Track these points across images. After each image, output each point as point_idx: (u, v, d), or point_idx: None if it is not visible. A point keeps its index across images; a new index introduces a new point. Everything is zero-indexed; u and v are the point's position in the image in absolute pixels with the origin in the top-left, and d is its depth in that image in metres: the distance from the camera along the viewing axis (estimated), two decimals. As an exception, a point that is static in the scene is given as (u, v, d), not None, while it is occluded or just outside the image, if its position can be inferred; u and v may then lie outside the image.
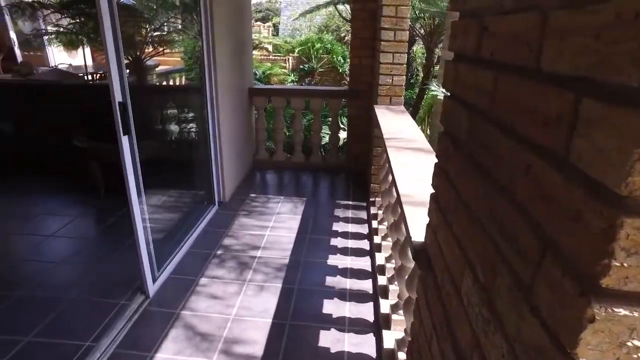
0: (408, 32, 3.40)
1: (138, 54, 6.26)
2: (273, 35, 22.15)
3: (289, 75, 14.90)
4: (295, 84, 14.69)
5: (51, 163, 4.64)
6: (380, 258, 2.86)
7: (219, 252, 3.01)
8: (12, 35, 10.09)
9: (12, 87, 5.20)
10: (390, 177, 2.88)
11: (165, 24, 5.75)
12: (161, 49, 6.62)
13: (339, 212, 3.71)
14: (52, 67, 8.32)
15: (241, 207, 3.76)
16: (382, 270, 2.74)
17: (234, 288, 2.59)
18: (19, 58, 10.21)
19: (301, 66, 15.36)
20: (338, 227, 3.44)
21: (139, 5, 5.48)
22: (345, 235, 3.30)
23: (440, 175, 1.06)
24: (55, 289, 2.52)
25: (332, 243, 3.18)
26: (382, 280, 2.65)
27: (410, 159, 2.21)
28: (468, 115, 0.81)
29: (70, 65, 9.61)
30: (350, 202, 3.91)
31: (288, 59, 15.97)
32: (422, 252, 1.23)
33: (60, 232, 3.28)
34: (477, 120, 0.75)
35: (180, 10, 4.49)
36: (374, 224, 3.36)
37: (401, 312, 2.20)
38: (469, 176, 0.81)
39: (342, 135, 5.03)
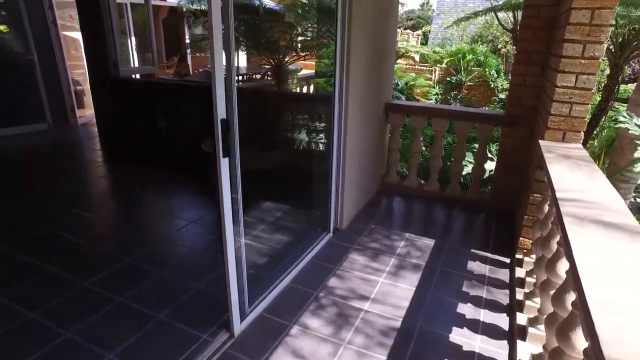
0: (605, 46, 2.52)
1: (280, 57, 6.34)
2: (421, 44, 21.37)
3: (434, 87, 14.02)
4: (439, 96, 13.76)
5: (188, 162, 4.89)
6: (523, 351, 2.10)
7: (321, 293, 2.61)
8: (187, 39, 11.52)
9: (171, 86, 5.70)
10: (554, 246, 2.11)
11: (308, 28, 5.70)
12: (303, 54, 6.62)
13: (473, 266, 2.99)
14: (205, 68, 9.14)
15: (357, 240, 3.31)
16: (526, 370, 2.00)
17: (328, 348, 2.15)
18: (190, 60, 11.63)
19: (448, 78, 14.33)
20: (469, 287, 2.73)
21: (285, 9, 5.53)
22: (478, 301, 2.59)
23: None
24: (150, 303, 2.43)
25: (459, 309, 2.51)
26: (525, 387, 1.92)
27: (603, 241, 1.46)
28: None
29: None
30: (488, 255, 3.14)
31: (434, 69, 15.07)
32: None
33: (173, 236, 3.30)
34: None
35: (320, 14, 4.27)
36: (519, 293, 2.57)
37: None
38: None
39: (489, 166, 4.21)
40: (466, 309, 2.51)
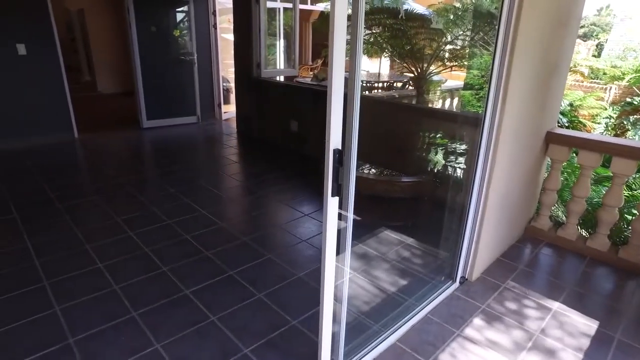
0: None
1: (424, 66, 5.79)
2: (593, 55, 18.28)
3: (605, 109, 11.71)
4: (611, 120, 11.44)
5: (315, 171, 4.75)
6: None
7: (432, 367, 2.10)
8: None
9: (306, 90, 5.68)
10: None
11: (458, 36, 5.07)
12: (450, 64, 5.96)
13: (658, 377, 2.12)
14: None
15: (488, 299, 2.67)
16: None
17: None
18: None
19: (628, 99, 11.81)
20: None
21: (434, 14, 5.01)
22: None
23: None
24: (241, 329, 2.24)
25: None
26: None
27: None
28: None
29: (367, 72, 10.31)
30: (686, 365, 2.21)
31: (610, 88, 12.61)
32: None
33: (282, 254, 3.10)
34: None
35: (475, 20, 3.65)
36: None
37: None
38: None
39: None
40: None
